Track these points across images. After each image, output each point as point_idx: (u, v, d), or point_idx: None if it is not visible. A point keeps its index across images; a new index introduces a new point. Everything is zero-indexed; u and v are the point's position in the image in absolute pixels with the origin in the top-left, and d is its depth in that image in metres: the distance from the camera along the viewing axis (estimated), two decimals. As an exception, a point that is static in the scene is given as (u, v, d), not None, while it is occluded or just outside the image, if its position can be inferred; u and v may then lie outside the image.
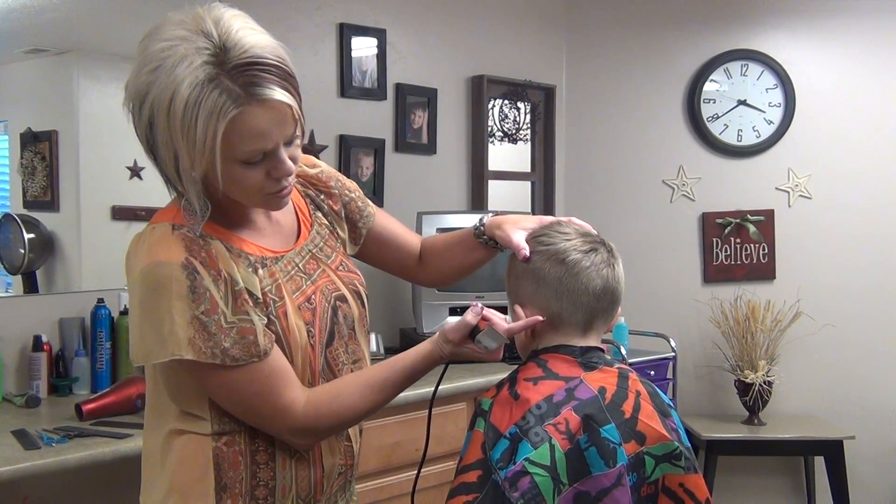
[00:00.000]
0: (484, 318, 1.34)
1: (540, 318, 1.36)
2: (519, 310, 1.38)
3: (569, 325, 1.36)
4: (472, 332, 1.35)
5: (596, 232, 1.43)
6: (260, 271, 1.31)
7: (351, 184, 1.58)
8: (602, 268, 1.35)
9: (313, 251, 1.43)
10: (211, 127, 1.15)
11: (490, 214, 1.54)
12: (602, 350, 1.38)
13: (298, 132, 1.26)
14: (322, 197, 1.51)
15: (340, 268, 1.45)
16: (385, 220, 1.61)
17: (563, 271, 1.34)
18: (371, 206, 1.60)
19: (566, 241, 1.37)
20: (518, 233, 1.42)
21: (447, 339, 1.35)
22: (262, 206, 1.33)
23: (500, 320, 1.34)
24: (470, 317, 1.33)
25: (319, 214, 1.50)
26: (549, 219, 1.46)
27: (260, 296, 1.29)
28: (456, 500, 1.25)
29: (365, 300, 1.47)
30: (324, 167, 1.55)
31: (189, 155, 1.18)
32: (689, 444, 1.33)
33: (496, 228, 1.48)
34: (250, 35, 1.19)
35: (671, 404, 1.36)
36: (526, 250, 1.38)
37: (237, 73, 1.16)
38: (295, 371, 1.32)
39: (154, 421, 1.36)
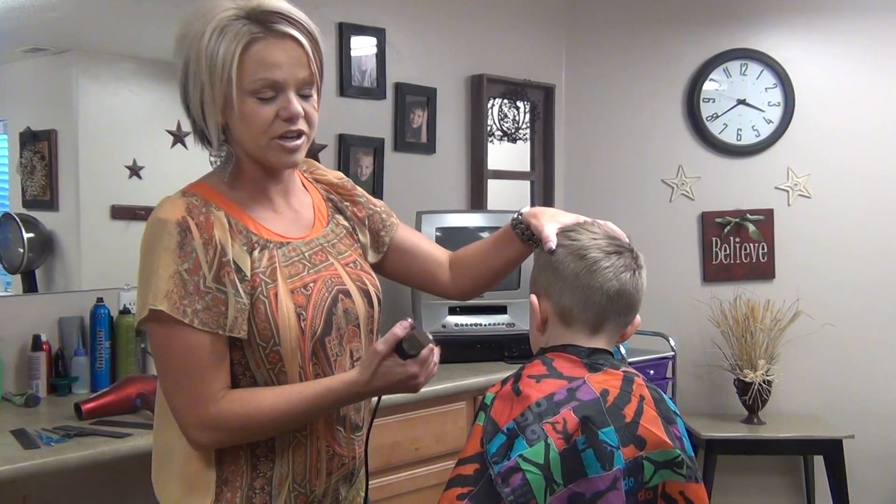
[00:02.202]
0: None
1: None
2: (533, 299, 1.39)
3: (578, 322, 1.36)
4: (399, 350, 1.31)
5: (628, 240, 1.43)
6: (255, 253, 1.34)
7: (377, 200, 1.62)
8: (621, 271, 1.36)
9: (324, 244, 1.45)
10: (230, 51, 1.28)
11: (528, 207, 1.54)
12: (610, 353, 1.38)
13: (314, 91, 1.36)
14: (346, 204, 1.56)
15: (351, 265, 1.47)
16: (409, 233, 1.64)
17: (581, 267, 1.35)
18: (395, 218, 1.63)
19: (592, 240, 1.38)
20: (551, 225, 1.43)
21: (375, 350, 1.31)
22: (271, 156, 1.35)
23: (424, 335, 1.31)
24: (398, 329, 1.30)
25: (339, 217, 1.53)
26: (585, 218, 1.47)
27: (248, 274, 1.31)
28: (451, 492, 1.25)
29: (374, 300, 1.48)
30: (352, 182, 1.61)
31: (210, 83, 1.29)
32: (693, 454, 1.32)
33: (532, 217, 1.49)
34: (281, 1, 1.34)
35: (677, 412, 1.35)
36: (552, 241, 1.39)
37: (261, 16, 1.30)
38: (283, 354, 1.32)
39: (162, 420, 1.39)
